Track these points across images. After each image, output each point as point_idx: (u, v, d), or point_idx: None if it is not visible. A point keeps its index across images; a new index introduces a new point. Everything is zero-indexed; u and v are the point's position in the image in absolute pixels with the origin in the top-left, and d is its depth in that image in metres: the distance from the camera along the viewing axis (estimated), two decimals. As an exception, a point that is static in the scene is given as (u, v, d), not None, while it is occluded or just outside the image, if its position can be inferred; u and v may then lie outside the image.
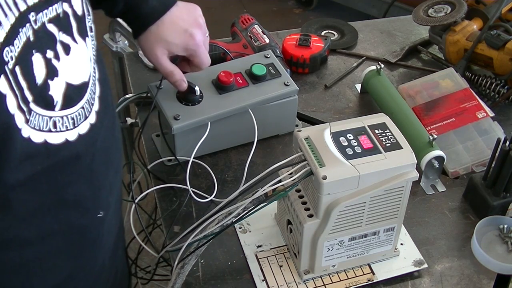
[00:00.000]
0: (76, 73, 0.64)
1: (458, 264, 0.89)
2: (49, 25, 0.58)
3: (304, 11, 3.36)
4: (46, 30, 0.58)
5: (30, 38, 0.55)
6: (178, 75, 0.91)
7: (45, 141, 0.59)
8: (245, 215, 0.77)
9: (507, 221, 0.91)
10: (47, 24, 0.58)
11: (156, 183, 0.98)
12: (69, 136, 0.62)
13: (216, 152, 1.04)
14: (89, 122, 0.66)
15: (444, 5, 1.23)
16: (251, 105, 0.99)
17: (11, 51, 0.53)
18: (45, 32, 0.58)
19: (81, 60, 0.65)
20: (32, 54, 0.56)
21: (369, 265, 0.87)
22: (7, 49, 0.53)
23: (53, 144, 0.60)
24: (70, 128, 0.62)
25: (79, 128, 0.64)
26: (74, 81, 0.63)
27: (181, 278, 0.79)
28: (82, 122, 0.65)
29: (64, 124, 0.62)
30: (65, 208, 0.66)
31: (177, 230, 0.91)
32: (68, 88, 0.61)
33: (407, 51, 1.30)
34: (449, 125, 1.05)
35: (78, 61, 0.64)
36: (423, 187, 1.00)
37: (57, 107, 0.60)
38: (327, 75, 1.24)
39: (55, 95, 0.60)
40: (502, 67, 1.14)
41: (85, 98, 0.65)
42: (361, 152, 0.76)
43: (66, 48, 0.62)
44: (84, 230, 0.71)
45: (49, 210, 0.64)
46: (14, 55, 0.53)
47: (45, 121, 0.59)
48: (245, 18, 1.23)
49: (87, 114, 0.66)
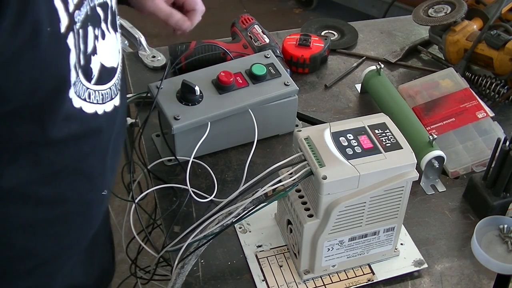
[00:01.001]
0: (108, 57, 0.69)
1: (458, 264, 0.89)
2: (98, 8, 0.65)
3: (304, 11, 3.36)
4: (96, 12, 0.65)
5: (87, 13, 0.62)
6: (178, 14, 0.95)
7: (80, 108, 0.64)
8: (245, 215, 0.77)
9: (507, 221, 0.91)
10: (97, 6, 0.65)
11: (156, 183, 0.98)
12: (98, 109, 0.68)
13: (216, 152, 1.04)
14: (113, 103, 0.71)
15: (444, 5, 1.23)
16: (251, 105, 0.99)
17: (79, 15, 0.60)
18: (96, 13, 0.65)
19: (112, 47, 0.70)
20: (88, 25, 0.63)
21: (369, 265, 0.87)
22: (77, 12, 0.59)
23: (86, 112, 0.65)
24: (99, 102, 0.68)
25: (106, 105, 0.69)
26: (106, 63, 0.68)
27: (181, 278, 0.79)
28: (108, 101, 0.70)
29: (96, 97, 0.67)
30: (80, 178, 0.71)
31: (177, 230, 0.91)
32: (102, 67, 0.67)
33: (407, 51, 1.30)
34: (449, 125, 1.05)
35: (110, 47, 0.69)
36: (423, 187, 1.00)
37: (93, 81, 0.66)
38: (327, 75, 1.24)
39: (94, 69, 0.65)
40: (502, 67, 1.14)
41: (113, 81, 0.71)
42: (361, 152, 0.76)
43: (102, 33, 0.68)
44: (90, 205, 0.76)
45: (67, 176, 0.69)
46: (80, 19, 0.60)
47: (84, 89, 0.64)
48: (245, 18, 1.23)
49: (113, 95, 0.71)
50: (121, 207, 1.65)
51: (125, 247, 1.08)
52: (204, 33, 3.46)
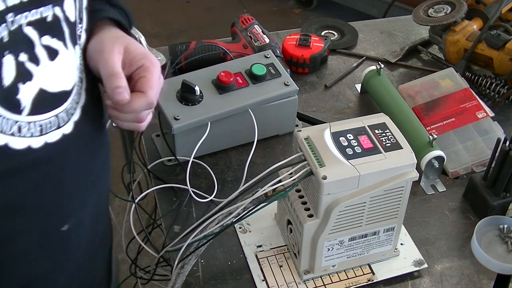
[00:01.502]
0: (56, 80, 0.61)
1: (458, 264, 0.89)
2: (27, 28, 0.57)
3: (304, 11, 3.36)
4: (22, 33, 0.56)
5: (3, 39, 0.54)
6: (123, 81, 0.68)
7: (5, 145, 0.58)
8: (245, 215, 0.77)
9: (507, 221, 0.91)
10: (24, 27, 0.56)
11: (156, 183, 0.98)
12: (33, 143, 0.60)
13: (216, 152, 1.04)
14: (62, 132, 0.64)
15: (444, 5, 1.23)
16: (251, 105, 0.99)
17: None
18: (21, 35, 0.56)
19: (68, 67, 0.63)
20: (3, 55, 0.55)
21: (369, 265, 0.87)
22: None
23: (14, 149, 0.59)
24: (36, 135, 0.61)
25: (47, 136, 0.62)
26: (51, 88, 0.61)
27: (181, 278, 0.79)
28: (53, 130, 0.63)
29: (30, 130, 0.60)
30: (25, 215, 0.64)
31: (177, 230, 0.91)
32: (41, 94, 0.59)
33: (407, 51, 1.30)
34: (449, 125, 1.05)
35: (63, 68, 0.62)
36: (423, 187, 1.00)
37: (25, 112, 0.58)
38: (327, 75, 1.24)
39: (24, 99, 0.58)
40: (502, 67, 1.14)
41: (63, 107, 0.63)
42: (361, 152, 0.76)
43: (51, 53, 0.60)
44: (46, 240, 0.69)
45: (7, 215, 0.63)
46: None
47: (9, 124, 0.57)
48: (245, 18, 1.23)
49: (61, 123, 0.64)
50: (121, 207, 1.65)
51: (125, 247, 1.08)
52: (204, 33, 3.47)
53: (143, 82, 0.69)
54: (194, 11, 3.29)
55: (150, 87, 0.69)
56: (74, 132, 0.65)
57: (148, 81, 0.69)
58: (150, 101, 0.69)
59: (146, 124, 0.73)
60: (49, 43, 0.60)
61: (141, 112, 0.71)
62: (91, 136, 0.71)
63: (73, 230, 0.70)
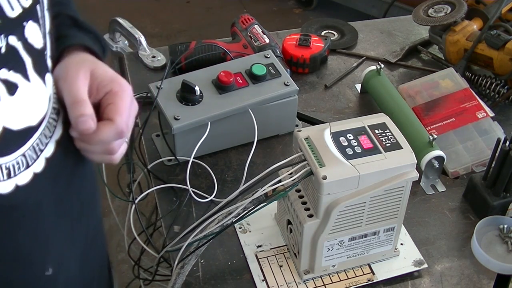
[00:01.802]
0: (18, 117, 0.55)
1: (458, 264, 0.89)
2: None
3: (304, 11, 3.36)
4: None
5: None
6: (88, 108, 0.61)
7: None
8: (245, 215, 0.77)
9: (507, 221, 0.91)
10: None
11: (156, 183, 0.98)
12: (2, 188, 0.55)
13: (216, 152, 1.04)
14: (32, 171, 0.58)
15: (444, 5, 1.23)
16: (251, 105, 0.99)
17: None
18: None
19: (32, 101, 0.57)
20: None
21: (369, 265, 0.87)
22: None
23: None
24: (3, 179, 0.55)
25: (17, 178, 0.56)
26: (14, 126, 0.55)
27: (181, 278, 0.79)
28: (22, 171, 0.57)
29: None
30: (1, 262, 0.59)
31: (177, 230, 0.91)
32: (4, 133, 0.54)
33: (407, 51, 1.30)
34: (449, 125, 1.05)
35: (25, 102, 0.56)
36: (423, 187, 1.00)
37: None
38: (327, 75, 1.24)
39: None
40: (502, 67, 1.14)
41: (29, 143, 0.57)
42: (361, 152, 0.76)
43: (10, 87, 0.54)
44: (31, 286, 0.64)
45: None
46: None
47: None
48: (245, 18, 1.23)
49: (30, 162, 0.57)
50: (121, 207, 1.65)
51: (127, 248, 1.09)
52: (204, 33, 3.47)
53: (111, 108, 0.62)
54: (194, 11, 3.29)
55: (119, 114, 0.62)
56: (46, 169, 0.59)
57: (117, 107, 0.62)
58: (119, 129, 0.62)
59: (120, 156, 0.67)
60: (6, 77, 0.53)
61: (111, 142, 0.64)
62: (70, 171, 0.65)
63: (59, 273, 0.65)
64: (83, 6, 3.32)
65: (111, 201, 1.05)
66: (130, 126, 0.65)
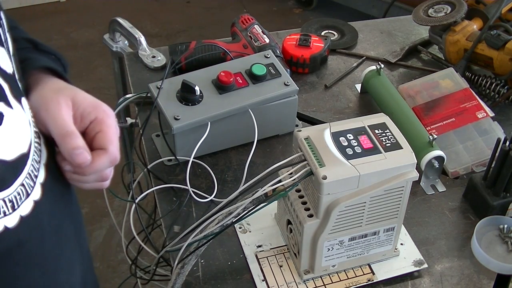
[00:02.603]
0: (10, 146, 0.54)
1: (458, 264, 0.89)
2: None
3: (304, 11, 3.36)
4: None
5: None
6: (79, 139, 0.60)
7: None
8: (245, 215, 0.77)
9: (507, 221, 0.91)
10: None
11: (156, 183, 0.98)
12: (8, 222, 0.53)
13: (216, 152, 1.04)
14: (32, 199, 0.56)
15: (444, 5, 1.23)
16: (251, 105, 0.99)
17: None
18: None
19: (18, 127, 0.55)
20: None
21: (369, 265, 0.87)
22: None
23: None
24: (9, 212, 0.53)
25: (21, 209, 0.54)
26: (7, 156, 0.53)
27: (181, 278, 0.79)
28: (24, 201, 0.55)
29: (2, 209, 0.52)
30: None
31: (177, 230, 0.91)
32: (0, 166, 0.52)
33: (407, 51, 1.30)
34: (449, 125, 1.05)
35: (13, 130, 0.54)
36: (423, 187, 1.00)
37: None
38: (327, 75, 1.24)
39: None
40: (502, 67, 1.14)
41: (25, 172, 0.55)
42: (361, 152, 0.76)
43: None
44: None
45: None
46: None
47: None
48: (245, 18, 1.23)
49: (30, 190, 0.56)
50: (121, 207, 1.65)
51: (125, 247, 1.08)
52: (204, 33, 3.46)
53: (102, 137, 0.62)
54: (194, 11, 3.29)
55: (110, 142, 0.62)
56: (43, 195, 0.58)
57: (106, 135, 0.62)
58: (113, 157, 0.62)
59: (110, 179, 0.67)
60: None
61: (104, 170, 0.64)
62: (61, 194, 0.64)
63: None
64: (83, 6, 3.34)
65: (109, 202, 1.04)
66: None
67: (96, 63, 2.85)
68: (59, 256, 0.63)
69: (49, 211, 0.60)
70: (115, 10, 3.00)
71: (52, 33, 3.03)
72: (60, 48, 2.78)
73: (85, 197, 2.06)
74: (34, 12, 3.16)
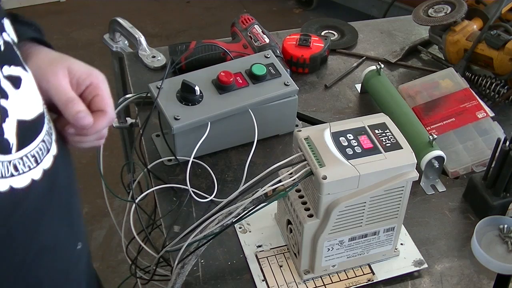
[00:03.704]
0: (29, 106, 0.59)
1: (458, 264, 0.89)
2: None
3: (304, 11, 3.36)
4: None
5: None
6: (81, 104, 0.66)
7: (10, 187, 0.55)
8: (245, 215, 0.77)
9: (507, 221, 0.91)
10: None
11: (156, 183, 0.98)
12: (34, 175, 0.58)
13: (216, 152, 1.04)
14: (52, 154, 0.62)
15: (444, 5, 1.23)
16: (251, 105, 0.99)
17: None
18: None
19: (34, 89, 0.61)
20: None
21: (369, 265, 0.87)
22: None
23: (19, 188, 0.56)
24: (33, 166, 0.58)
25: (43, 163, 0.60)
26: (27, 116, 0.58)
27: (181, 278, 0.79)
28: (45, 156, 0.60)
29: (26, 164, 0.57)
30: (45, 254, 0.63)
31: (177, 230, 0.91)
32: (21, 125, 0.57)
33: (407, 51, 1.30)
34: (449, 125, 1.05)
35: (30, 92, 0.59)
36: (423, 187, 1.00)
37: (14, 149, 0.56)
38: (327, 75, 1.24)
39: (10, 137, 0.55)
40: (502, 67, 1.14)
41: (44, 129, 0.61)
42: (361, 152, 0.76)
43: (15, 81, 0.57)
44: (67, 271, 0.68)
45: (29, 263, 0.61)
46: None
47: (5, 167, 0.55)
48: (245, 18, 1.23)
49: (49, 146, 0.62)
50: (121, 207, 1.65)
51: (125, 247, 1.08)
52: (204, 33, 3.45)
53: (99, 101, 0.68)
54: (194, 11, 3.29)
55: (107, 104, 0.69)
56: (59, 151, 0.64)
57: (103, 98, 0.69)
58: (111, 117, 0.69)
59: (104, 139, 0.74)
60: (10, 72, 0.57)
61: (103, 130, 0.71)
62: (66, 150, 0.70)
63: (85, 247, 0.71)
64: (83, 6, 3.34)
65: (109, 202, 1.05)
66: None
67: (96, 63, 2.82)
68: (72, 205, 0.69)
69: (63, 165, 0.65)
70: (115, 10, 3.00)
71: (52, 33, 3.02)
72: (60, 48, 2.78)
73: (85, 197, 2.06)
74: (34, 12, 3.16)
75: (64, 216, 0.67)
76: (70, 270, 0.71)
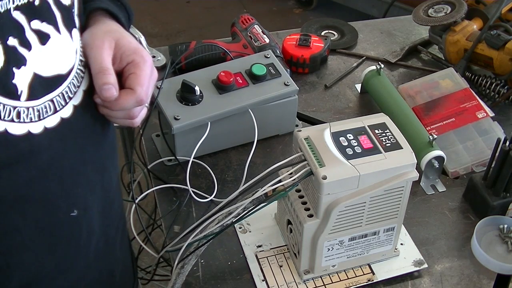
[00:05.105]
0: (49, 64, 0.61)
1: (458, 264, 0.89)
2: (15, 12, 0.56)
3: (304, 11, 3.36)
4: (11, 17, 0.56)
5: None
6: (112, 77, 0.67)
7: (5, 130, 0.57)
8: (245, 215, 0.77)
9: (507, 221, 0.91)
10: (12, 11, 0.56)
11: (156, 183, 0.98)
12: (32, 128, 0.60)
13: (216, 152, 1.04)
14: (60, 115, 0.63)
15: (444, 5, 1.23)
16: (251, 105, 0.99)
17: None
18: (9, 19, 0.56)
19: (62, 51, 0.62)
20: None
21: (369, 265, 0.87)
22: None
23: (13, 134, 0.58)
24: (35, 120, 0.60)
25: (45, 121, 0.61)
26: (44, 72, 0.60)
27: (181, 278, 0.79)
28: (50, 115, 0.62)
29: (29, 115, 0.59)
30: (30, 204, 0.64)
31: (177, 230, 0.91)
32: (35, 79, 0.59)
33: (407, 51, 1.30)
34: (449, 125, 1.05)
35: (57, 52, 0.61)
36: (423, 187, 1.00)
37: (23, 97, 0.58)
38: (327, 75, 1.24)
39: (20, 84, 0.58)
40: (502, 67, 1.14)
41: (58, 91, 0.62)
42: (361, 152, 0.76)
43: (43, 37, 0.59)
44: (54, 228, 0.68)
45: (11, 206, 0.62)
46: None
47: (7, 110, 0.57)
48: (245, 18, 1.23)
49: (58, 107, 0.63)
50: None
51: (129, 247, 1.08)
52: (204, 33, 3.45)
53: (132, 78, 0.68)
54: (194, 11, 3.29)
55: (139, 84, 0.68)
56: (74, 116, 0.64)
57: (138, 77, 0.68)
58: (140, 98, 0.68)
59: (140, 119, 0.73)
60: (39, 27, 0.59)
61: (131, 109, 0.70)
62: (95, 120, 0.70)
63: (82, 216, 0.70)
64: (83, 6, 3.22)
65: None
66: (149, 95, 0.71)
67: (96, 64, 2.84)
68: (78, 172, 0.68)
69: (76, 130, 0.66)
70: (115, 10, 3.00)
71: (52, 33, 3.02)
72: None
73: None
74: (34, 12, 3.16)
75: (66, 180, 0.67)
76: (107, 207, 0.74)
